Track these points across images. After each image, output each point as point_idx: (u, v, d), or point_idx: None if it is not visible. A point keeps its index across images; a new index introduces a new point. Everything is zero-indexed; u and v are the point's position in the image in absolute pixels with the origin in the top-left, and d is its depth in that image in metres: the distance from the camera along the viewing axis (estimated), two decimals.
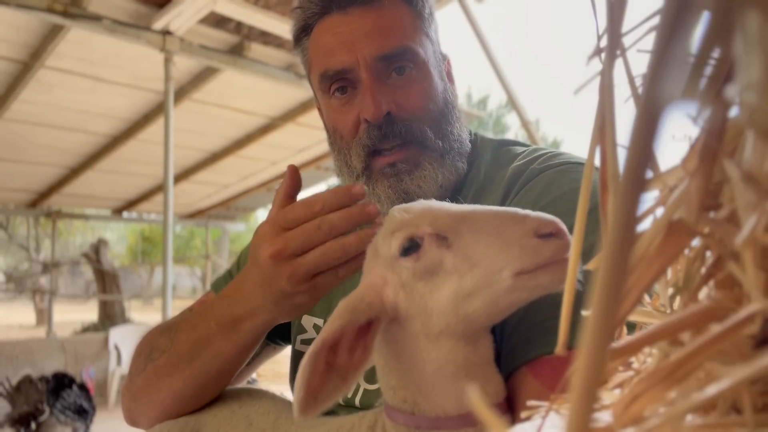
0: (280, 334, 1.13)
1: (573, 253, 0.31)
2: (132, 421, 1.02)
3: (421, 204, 0.67)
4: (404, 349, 0.66)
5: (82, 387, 4.38)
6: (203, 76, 4.73)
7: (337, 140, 1.00)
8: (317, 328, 1.03)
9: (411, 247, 0.63)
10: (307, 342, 1.03)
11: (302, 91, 5.01)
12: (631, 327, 0.42)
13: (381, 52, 0.91)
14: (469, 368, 0.64)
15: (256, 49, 4.36)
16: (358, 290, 0.66)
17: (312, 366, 0.58)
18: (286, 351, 1.19)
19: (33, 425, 3.90)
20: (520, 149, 1.01)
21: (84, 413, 4.16)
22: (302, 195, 0.88)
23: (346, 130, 0.96)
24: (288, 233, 0.74)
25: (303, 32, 1.00)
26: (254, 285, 0.79)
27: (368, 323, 0.64)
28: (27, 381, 4.10)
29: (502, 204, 0.89)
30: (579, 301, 0.33)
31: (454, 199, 0.99)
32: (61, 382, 4.19)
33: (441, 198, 0.96)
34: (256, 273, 0.79)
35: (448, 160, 0.95)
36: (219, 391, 0.95)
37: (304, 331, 1.05)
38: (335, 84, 0.96)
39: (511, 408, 0.69)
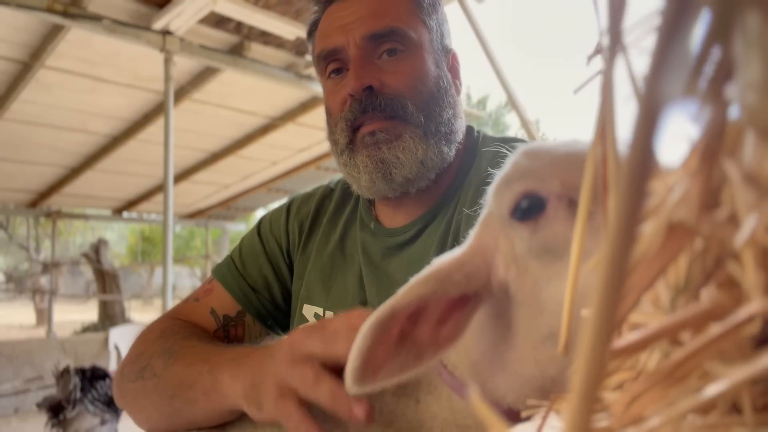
0: (280, 324, 1.13)
1: (574, 253, 0.31)
2: (122, 408, 1.04)
3: (563, 146, 0.47)
4: (499, 336, 0.51)
5: None
6: (203, 76, 4.73)
7: (328, 120, 1.03)
8: (318, 318, 1.03)
9: (530, 208, 0.46)
10: None
11: (302, 91, 5.01)
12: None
13: (369, 31, 0.94)
14: (558, 384, 0.47)
15: (256, 49, 4.36)
16: (461, 252, 0.51)
17: (373, 335, 0.47)
18: None
19: (62, 415, 3.96)
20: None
21: (114, 405, 4.22)
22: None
23: (335, 107, 0.99)
24: (297, 375, 0.65)
25: (314, 26, 1.05)
26: (252, 380, 0.73)
27: (467, 295, 0.49)
28: (66, 371, 4.17)
29: None
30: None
31: (454, 193, 0.99)
32: (96, 374, 4.25)
33: (423, 179, 0.95)
34: (261, 375, 0.71)
35: (432, 140, 0.95)
36: None
37: (305, 320, 1.05)
38: (331, 65, 0.99)
39: None
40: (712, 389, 0.20)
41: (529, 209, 0.46)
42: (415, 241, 0.99)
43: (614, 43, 0.20)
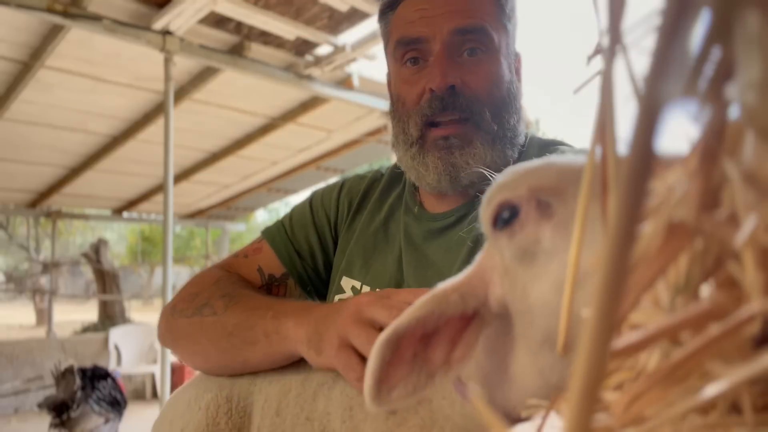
0: (318, 292, 1.18)
1: (573, 252, 0.31)
2: (164, 344, 1.08)
3: (541, 160, 0.51)
4: (505, 351, 0.53)
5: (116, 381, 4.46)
6: (203, 76, 4.73)
7: (399, 108, 1.04)
8: (355, 291, 1.08)
9: (510, 218, 0.49)
10: None
11: (302, 91, 5.01)
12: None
13: (458, 25, 0.95)
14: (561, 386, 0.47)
15: (256, 49, 4.36)
16: (463, 274, 0.54)
17: (382, 356, 0.49)
18: None
19: (65, 415, 3.97)
20: (567, 150, 1.03)
21: (117, 405, 4.23)
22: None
23: (410, 98, 1.00)
24: (359, 335, 0.71)
25: (389, 7, 1.06)
26: (316, 327, 0.79)
27: (470, 315, 0.52)
28: (69, 371, 4.17)
29: None
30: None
31: None
32: (97, 374, 4.26)
33: (486, 182, 0.98)
34: (326, 325, 0.78)
35: (499, 145, 0.99)
36: (242, 374, 0.96)
37: (342, 291, 1.10)
38: (409, 53, 1.00)
39: None
40: (712, 389, 0.20)
41: (508, 218, 0.49)
42: (455, 227, 1.02)
43: (614, 43, 0.20)
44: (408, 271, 1.03)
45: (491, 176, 0.95)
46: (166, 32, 3.86)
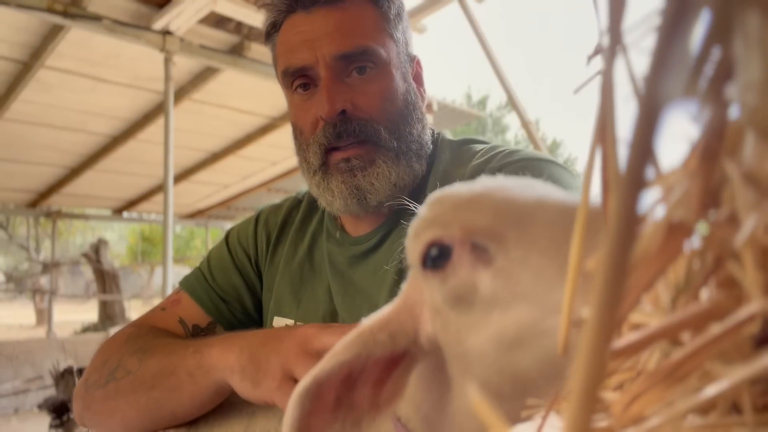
0: None
1: (573, 254, 0.31)
2: (83, 424, 0.99)
3: (469, 188, 0.45)
4: (441, 390, 0.48)
5: None
6: (203, 76, 4.73)
7: (297, 136, 1.02)
8: None
9: (439, 256, 0.44)
10: None
11: None
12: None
13: (340, 51, 0.92)
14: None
15: (256, 49, 4.36)
16: (386, 310, 0.49)
17: (301, 407, 0.45)
18: None
19: (65, 416, 3.96)
20: (479, 147, 1.01)
21: None
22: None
23: (306, 127, 0.98)
24: (306, 370, 0.64)
25: (272, 28, 1.01)
26: (251, 355, 0.72)
27: (399, 355, 0.47)
28: (68, 372, 4.16)
29: None
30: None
31: (415, 199, 0.99)
32: None
33: (395, 198, 0.93)
34: (264, 353, 0.71)
35: (404, 160, 0.96)
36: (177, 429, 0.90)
37: None
38: (297, 80, 0.97)
39: None
40: (712, 389, 0.20)
41: (438, 257, 0.44)
42: (378, 248, 0.99)
43: (614, 43, 0.20)
44: (338, 299, 0.99)
45: (398, 190, 0.92)
46: (166, 32, 3.86)
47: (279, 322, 1.05)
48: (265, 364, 0.68)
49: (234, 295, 1.10)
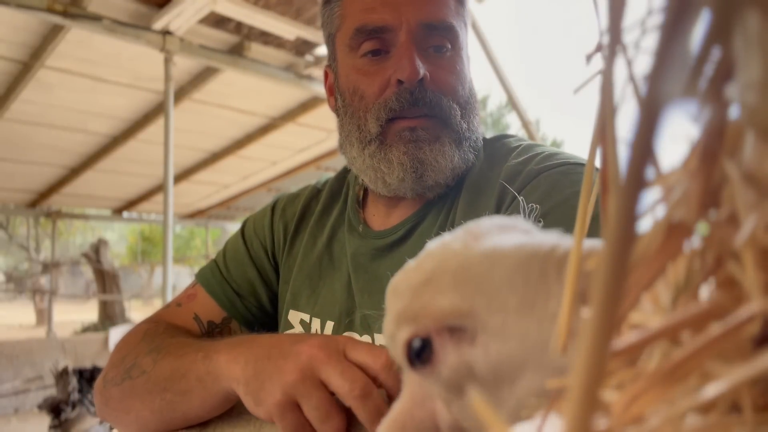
0: (268, 329, 1.09)
1: (574, 255, 0.31)
2: (104, 420, 0.99)
3: (418, 268, 0.43)
4: None
5: None
6: (203, 76, 4.73)
7: (354, 102, 0.93)
8: (304, 324, 1.00)
9: (423, 348, 0.42)
10: None
11: (302, 91, 5.01)
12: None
13: (427, 19, 0.87)
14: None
15: (256, 49, 4.36)
16: (396, 412, 0.46)
17: None
18: None
19: (63, 416, 3.97)
20: (514, 143, 0.98)
21: None
22: None
23: (371, 91, 0.90)
24: (307, 397, 0.64)
25: None
26: (255, 369, 0.70)
27: None
28: (65, 372, 4.17)
29: (498, 207, 0.86)
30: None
31: (453, 197, 0.96)
32: (96, 375, 4.27)
33: (445, 186, 0.91)
34: (268, 371, 0.69)
35: (465, 146, 0.91)
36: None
37: (291, 327, 1.02)
38: (369, 42, 0.89)
39: None
40: (712, 389, 0.20)
41: (422, 349, 0.41)
42: (405, 242, 0.94)
43: (614, 43, 0.20)
44: (362, 297, 0.94)
45: (452, 177, 0.88)
46: (166, 32, 3.86)
47: (294, 316, 1.02)
48: (268, 383, 0.67)
49: (249, 289, 1.07)
